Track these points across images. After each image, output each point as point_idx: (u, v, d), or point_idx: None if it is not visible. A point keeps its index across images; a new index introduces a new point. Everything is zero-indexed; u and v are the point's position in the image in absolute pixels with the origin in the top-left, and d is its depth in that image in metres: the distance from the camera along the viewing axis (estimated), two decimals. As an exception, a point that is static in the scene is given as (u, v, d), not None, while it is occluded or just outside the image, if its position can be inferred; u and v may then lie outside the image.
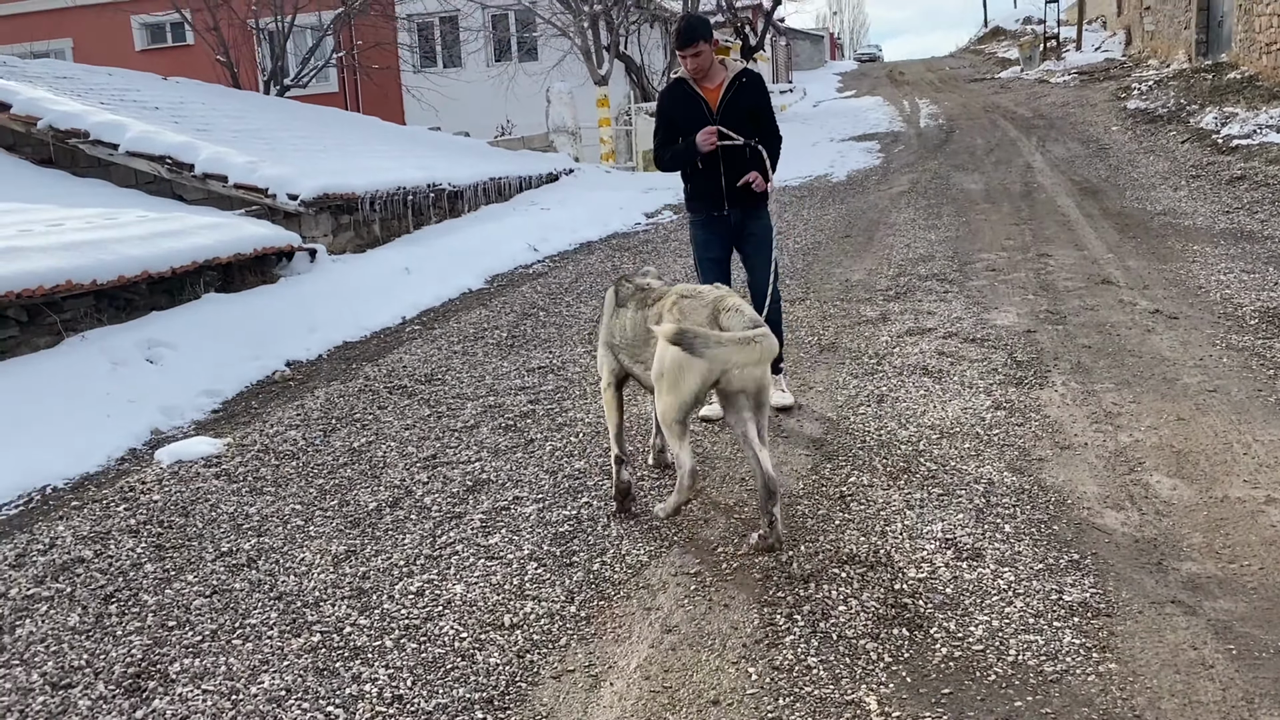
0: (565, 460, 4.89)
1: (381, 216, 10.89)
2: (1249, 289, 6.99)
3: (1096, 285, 7.47)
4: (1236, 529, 3.65)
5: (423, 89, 20.70)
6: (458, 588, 3.69)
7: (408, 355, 7.22)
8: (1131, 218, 10.11)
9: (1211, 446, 4.40)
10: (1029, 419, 4.90)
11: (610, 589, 3.60)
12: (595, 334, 7.20)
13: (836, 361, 6.17)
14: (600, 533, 4.06)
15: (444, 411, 5.85)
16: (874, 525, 3.91)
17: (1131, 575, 3.38)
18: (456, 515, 4.35)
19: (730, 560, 3.73)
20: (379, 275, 9.27)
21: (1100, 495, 4.01)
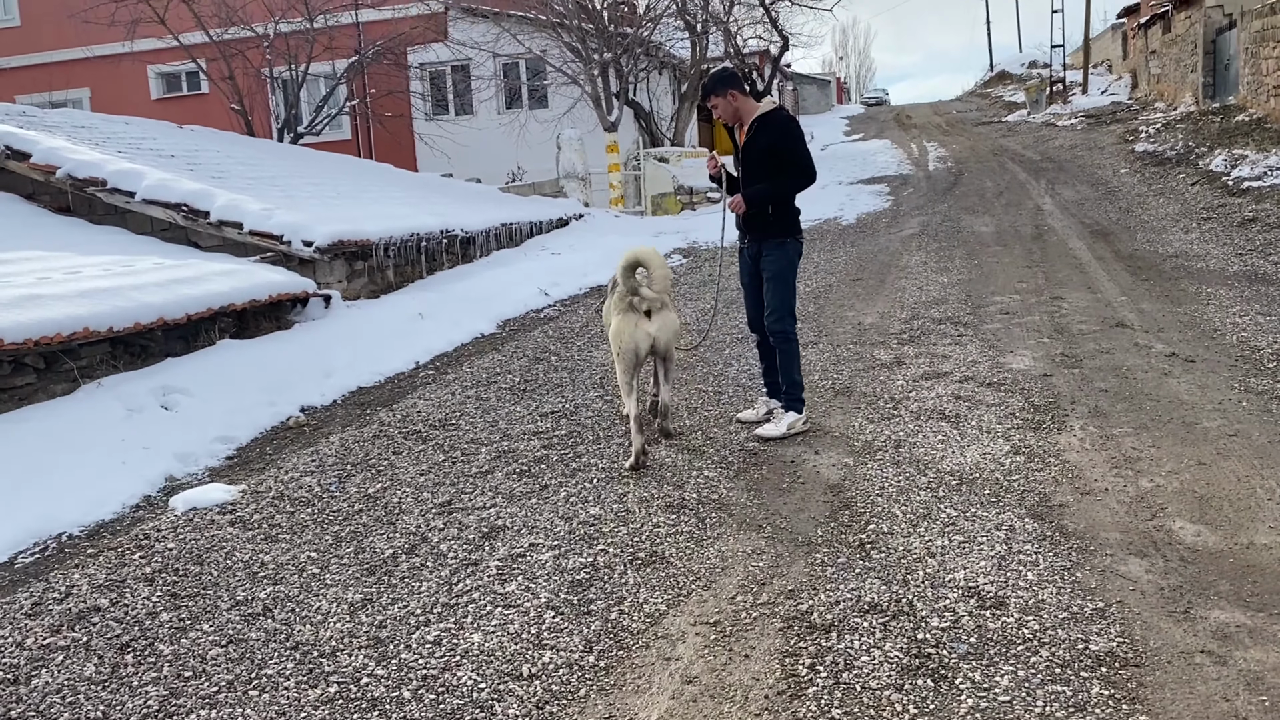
0: (580, 506, 4.86)
1: (395, 262, 10.95)
2: (1265, 331, 6.96)
3: (1111, 328, 7.45)
4: (1264, 576, 3.60)
5: (435, 136, 20.91)
6: (475, 637, 3.66)
7: (422, 400, 7.22)
8: (1144, 260, 10.11)
9: (1235, 492, 4.36)
10: (1048, 464, 4.87)
11: (629, 638, 3.57)
12: (609, 377, 7.24)
13: (852, 406, 6.14)
14: (617, 580, 4.03)
15: (458, 457, 5.84)
16: (895, 573, 3.87)
17: (1159, 624, 3.33)
18: (473, 562, 4.32)
19: (750, 609, 3.69)
20: (392, 320, 9.31)
21: (1123, 542, 3.97)
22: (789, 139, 5.46)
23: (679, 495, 4.89)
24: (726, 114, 5.57)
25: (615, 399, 6.75)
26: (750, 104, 5.60)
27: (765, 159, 5.45)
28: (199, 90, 23.04)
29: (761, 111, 5.52)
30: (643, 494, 4.94)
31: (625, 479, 5.18)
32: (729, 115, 5.58)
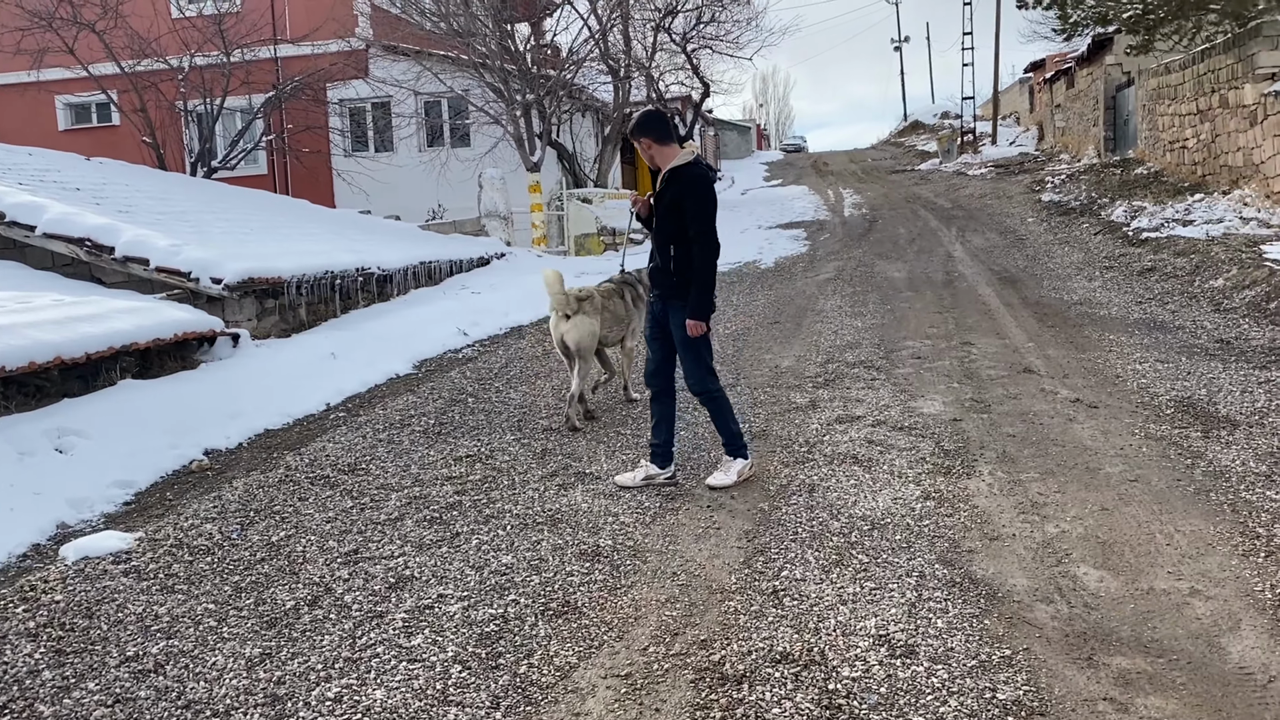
0: (492, 554, 4.76)
1: (308, 300, 10.74)
2: (1164, 378, 7.20)
3: (1018, 374, 7.64)
4: (1163, 622, 3.67)
5: (353, 172, 20.68)
6: (378, 693, 3.53)
7: (331, 444, 7.04)
8: (1049, 307, 10.41)
9: (1135, 537, 4.46)
10: (958, 509, 4.93)
11: (538, 693, 3.48)
12: (526, 419, 7.17)
13: (768, 450, 6.16)
14: (528, 632, 3.94)
15: (367, 503, 5.69)
16: (807, 621, 3.85)
17: (1063, 671, 3.37)
18: (378, 614, 4.19)
19: (662, 660, 3.64)
20: (304, 361, 9.09)
21: (1030, 588, 4.02)
22: (692, 199, 5.28)
23: (594, 542, 4.83)
24: (649, 157, 5.50)
25: (532, 442, 6.68)
26: (668, 152, 5.42)
27: (671, 213, 5.34)
28: (109, 122, 22.45)
29: (674, 164, 5.38)
30: (557, 541, 4.87)
31: (540, 525, 5.10)
32: (648, 160, 5.53)
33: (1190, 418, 6.22)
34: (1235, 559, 4.17)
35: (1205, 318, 9.33)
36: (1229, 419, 6.15)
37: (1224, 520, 4.58)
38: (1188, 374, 7.28)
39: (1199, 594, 3.87)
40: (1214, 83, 16.62)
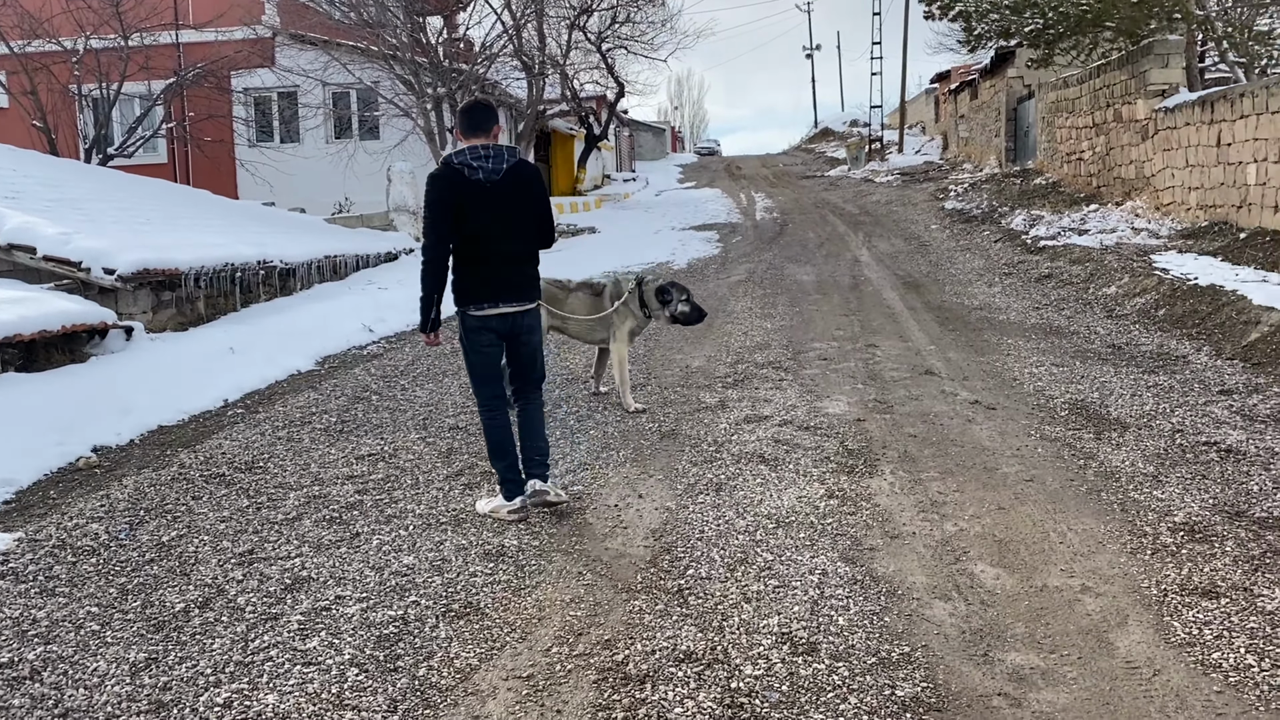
0: (393, 555, 4.65)
1: (206, 294, 10.40)
2: (1059, 381, 7.42)
3: (920, 375, 7.79)
4: (1056, 618, 3.77)
5: (258, 163, 20.13)
6: (270, 698, 3.41)
7: (228, 441, 6.82)
8: (951, 311, 10.66)
9: (1030, 536, 4.58)
10: (860, 508, 4.99)
11: (437, 696, 3.40)
12: (432, 418, 7.04)
13: (676, 449, 6.16)
14: (428, 634, 3.85)
15: (264, 502, 5.51)
16: (711, 620, 3.85)
17: (960, 668, 3.43)
18: (272, 617, 4.05)
19: (565, 661, 3.59)
20: (201, 355, 8.80)
21: (929, 585, 4.09)
22: (543, 188, 5.08)
23: (498, 542, 4.76)
24: None
25: (438, 441, 6.56)
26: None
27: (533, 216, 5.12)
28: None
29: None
30: (460, 541, 4.79)
31: (444, 525, 5.01)
32: None
33: (1083, 420, 6.42)
34: (1124, 557, 4.31)
35: (1098, 323, 9.66)
36: (1120, 421, 6.36)
37: (1114, 519, 4.73)
38: (1081, 377, 7.52)
39: (1090, 591, 3.98)
40: (1109, 98, 17.26)
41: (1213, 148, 13.26)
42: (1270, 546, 4.34)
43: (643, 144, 53.81)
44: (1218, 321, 8.80)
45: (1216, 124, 13.14)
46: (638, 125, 53.28)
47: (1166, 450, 5.74)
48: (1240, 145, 12.49)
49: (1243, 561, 4.20)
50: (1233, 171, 12.74)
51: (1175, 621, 3.70)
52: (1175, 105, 14.61)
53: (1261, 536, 4.46)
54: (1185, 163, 14.18)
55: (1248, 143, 12.26)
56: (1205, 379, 7.34)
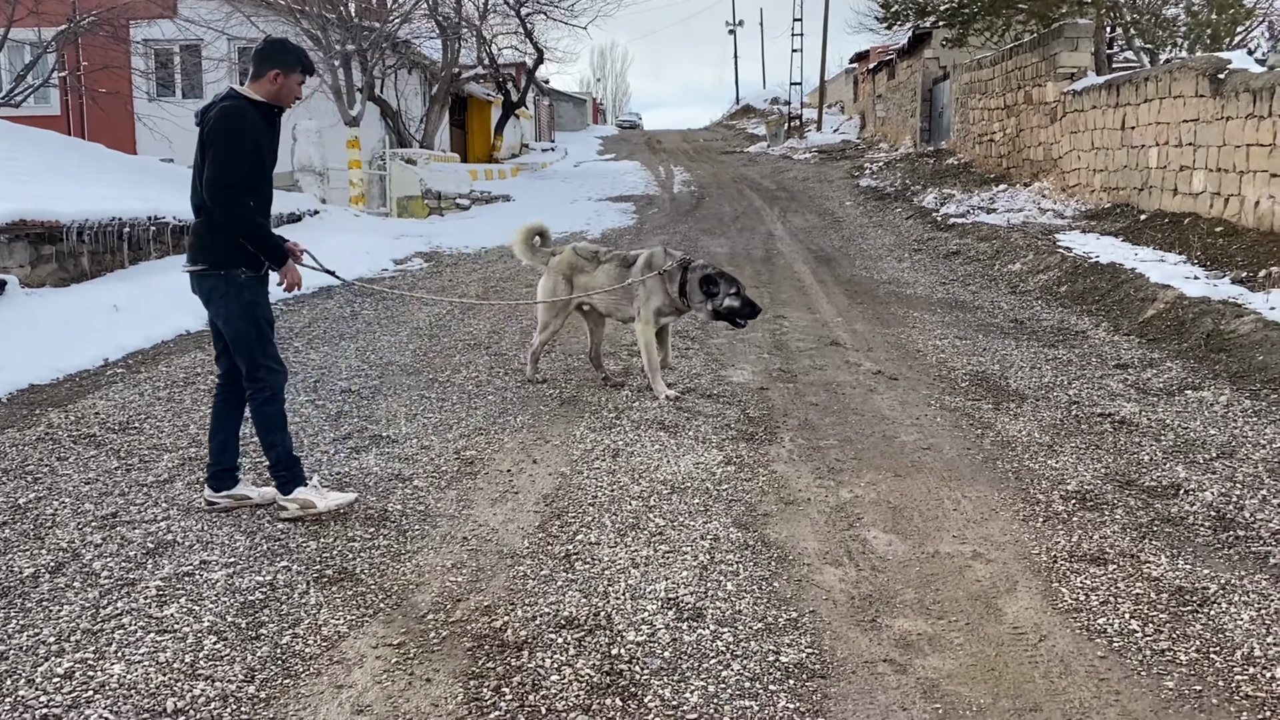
0: (267, 520, 4.41)
1: (91, 250, 9.85)
2: (961, 354, 7.45)
3: (826, 346, 7.75)
4: (945, 584, 3.71)
5: (157, 118, 19.22)
6: (117, 668, 3.17)
7: (104, 401, 6.44)
8: (860, 285, 10.68)
9: (925, 503, 4.53)
10: (757, 474, 4.90)
11: (299, 665, 3.20)
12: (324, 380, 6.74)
13: (576, 415, 6.00)
14: (297, 600, 3.64)
15: (135, 464, 5.20)
16: (597, 585, 3.71)
17: (847, 633, 3.35)
18: (129, 583, 3.79)
19: (440, 629, 3.42)
20: (82, 312, 8.32)
21: (820, 551, 4.01)
22: (217, 139, 4.14)
23: (381, 506, 4.55)
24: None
25: (328, 404, 6.29)
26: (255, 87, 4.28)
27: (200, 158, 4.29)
28: None
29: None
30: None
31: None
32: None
33: (983, 391, 6.44)
34: (1016, 524, 4.29)
35: (1002, 299, 9.76)
36: (1018, 392, 6.39)
37: (1008, 488, 4.72)
38: (983, 350, 7.56)
39: (980, 557, 3.94)
40: (1020, 80, 17.50)
41: (1117, 131, 13.52)
42: (1158, 514, 4.37)
43: (563, 114, 53.22)
44: (1116, 298, 8.95)
45: (1121, 107, 13.39)
46: (558, 95, 52.68)
47: (1063, 421, 5.77)
48: (1143, 129, 12.74)
49: (1131, 529, 4.20)
50: (1136, 155, 13.00)
51: (1063, 588, 3.67)
52: (1083, 88, 14.86)
53: (1150, 505, 4.48)
54: (1091, 145, 14.44)
55: (1150, 126, 12.52)
56: (1103, 353, 7.44)
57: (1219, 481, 4.73)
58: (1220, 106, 10.84)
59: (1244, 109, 10.36)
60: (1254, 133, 10.14)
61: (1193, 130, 11.40)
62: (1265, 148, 9.93)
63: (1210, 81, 11.05)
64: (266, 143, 4.28)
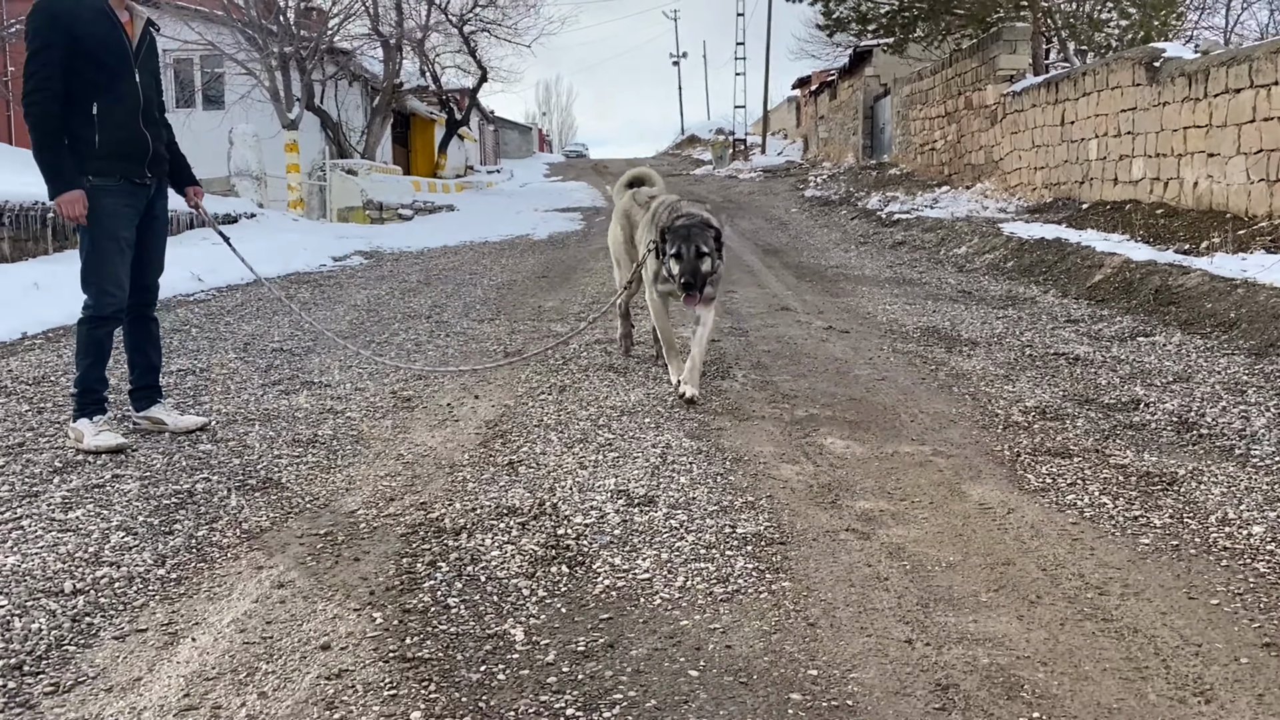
0: (188, 444, 4.12)
1: (12, 235, 9.45)
2: (911, 315, 7.35)
3: (776, 311, 7.62)
4: (906, 476, 3.55)
5: (89, 128, 18.78)
6: (9, 560, 2.87)
7: (18, 362, 6.09)
8: (808, 269, 10.60)
9: (882, 418, 4.38)
10: (710, 400, 4.71)
11: (216, 553, 2.93)
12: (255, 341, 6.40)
13: (521, 365, 5.78)
14: (216, 504, 3.37)
15: (48, 408, 4.87)
16: (543, 483, 3.49)
17: (806, 511, 3.16)
18: (32, 495, 3.48)
19: (372, 521, 3.17)
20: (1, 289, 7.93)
21: (776, 454, 3.83)
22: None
23: (312, 433, 4.28)
24: None
25: (258, 360, 6.00)
26: None
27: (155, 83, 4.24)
28: None
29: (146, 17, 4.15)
30: (267, 433, 4.29)
31: (251, 421, 4.50)
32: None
33: (935, 340, 6.33)
34: (976, 430, 4.14)
35: (950, 276, 9.73)
36: (970, 340, 6.29)
37: (965, 405, 4.59)
38: (933, 312, 7.47)
39: (941, 454, 3.78)
40: (960, 86, 17.73)
41: (1057, 127, 13.68)
42: (1120, 422, 4.25)
43: (509, 141, 53.15)
44: (1064, 269, 8.95)
45: (1061, 103, 13.57)
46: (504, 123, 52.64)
47: (1016, 360, 5.67)
48: (1082, 123, 12.91)
49: (1094, 433, 4.08)
50: (1076, 149, 13.15)
51: (1029, 474, 3.53)
52: (1023, 89, 15.05)
53: (1111, 416, 4.37)
54: (1032, 144, 14.61)
55: (1089, 119, 12.68)
56: (1053, 312, 7.39)
57: (1178, 397, 4.64)
58: (1157, 93, 11.00)
59: (1180, 93, 10.52)
60: (1190, 115, 10.29)
61: (1131, 119, 11.56)
62: (1202, 129, 10.07)
63: (1146, 70, 11.22)
64: (90, 35, 3.86)
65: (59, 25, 3.81)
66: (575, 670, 2.18)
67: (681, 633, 2.34)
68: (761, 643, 2.30)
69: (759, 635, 2.33)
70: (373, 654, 2.27)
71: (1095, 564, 2.72)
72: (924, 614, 2.43)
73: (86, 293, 4.17)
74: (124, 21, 4.01)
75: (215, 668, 2.24)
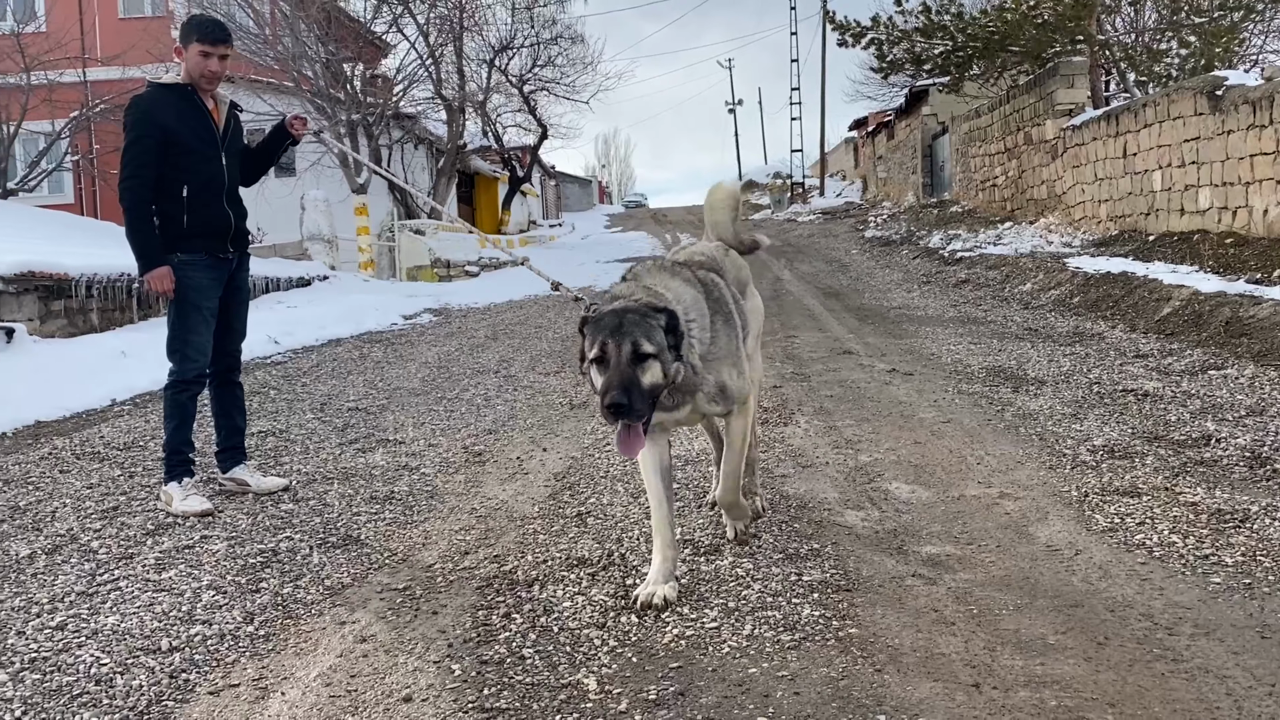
0: (271, 504, 4.29)
1: (101, 305, 9.89)
2: (976, 354, 7.33)
3: (838, 355, 7.65)
4: (973, 519, 3.56)
5: (169, 199, 19.56)
6: (110, 619, 3.04)
7: (109, 429, 6.37)
8: (870, 310, 10.60)
9: (947, 461, 4.39)
10: (773, 447, 4.77)
11: (300, 609, 3.06)
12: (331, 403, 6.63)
13: (586, 415, 5.90)
14: (300, 562, 3.51)
15: (138, 472, 5.10)
16: (610, 534, 3.58)
17: (872, 558, 3.19)
18: (128, 556, 3.67)
19: (448, 575, 3.28)
20: (90, 357, 8.30)
21: (841, 499, 3.86)
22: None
23: (388, 490, 4.43)
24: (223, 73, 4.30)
25: (334, 419, 6.20)
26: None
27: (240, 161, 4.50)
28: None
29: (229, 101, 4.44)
30: (346, 490, 4.45)
31: (330, 480, 4.66)
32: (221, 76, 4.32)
33: (1001, 379, 6.30)
34: (1043, 471, 4.13)
35: (1015, 314, 9.65)
36: (1037, 379, 6.26)
37: (1032, 446, 4.57)
38: (999, 351, 7.43)
39: (1008, 497, 3.79)
40: (1019, 121, 17.65)
41: (1119, 159, 13.54)
42: (1191, 459, 4.21)
43: (569, 195, 53.98)
44: (1131, 303, 8.84)
45: (1122, 135, 13.44)
46: (564, 177, 53.50)
47: (1084, 398, 5.62)
48: (1145, 154, 12.77)
49: (1164, 470, 4.05)
50: (1140, 180, 13.00)
51: (1097, 515, 3.52)
52: (1082, 122, 14.95)
53: (1181, 453, 4.32)
54: (1094, 177, 14.47)
55: (1152, 150, 12.54)
56: (1121, 347, 7.31)
57: (1250, 432, 4.57)
58: (1220, 122, 10.87)
59: (1244, 120, 10.38)
60: (1256, 143, 10.14)
61: (1195, 148, 11.41)
62: (1269, 155, 9.92)
63: (1208, 99, 11.09)
64: (180, 126, 4.16)
65: (152, 119, 4.13)
66: (648, 718, 2.25)
67: (750, 680, 2.39)
68: (829, 689, 2.34)
69: (826, 681, 2.37)
70: (453, 705, 2.36)
71: (1165, 604, 2.71)
72: (991, 657, 2.45)
73: (172, 360, 4.40)
74: (211, 108, 4.28)
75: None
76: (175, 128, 4.17)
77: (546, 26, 24.88)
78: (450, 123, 21.57)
